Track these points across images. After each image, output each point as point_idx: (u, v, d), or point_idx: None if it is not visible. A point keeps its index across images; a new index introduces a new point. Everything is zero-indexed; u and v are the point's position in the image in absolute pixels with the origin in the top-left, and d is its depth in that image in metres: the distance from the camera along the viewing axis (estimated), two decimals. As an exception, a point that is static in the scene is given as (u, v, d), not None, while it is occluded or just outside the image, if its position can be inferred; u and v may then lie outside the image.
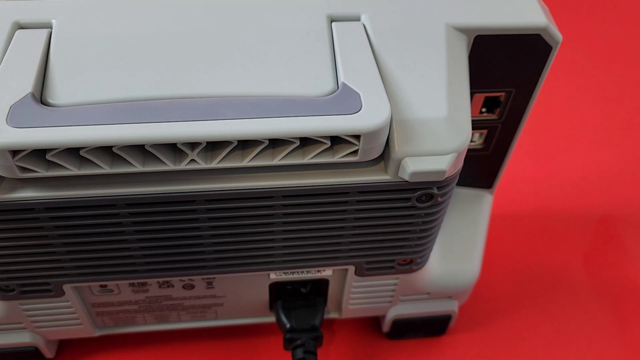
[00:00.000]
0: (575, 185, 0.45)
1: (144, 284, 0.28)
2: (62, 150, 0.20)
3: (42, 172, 0.20)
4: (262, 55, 0.23)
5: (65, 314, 0.29)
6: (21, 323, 0.29)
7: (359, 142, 0.21)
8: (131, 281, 0.28)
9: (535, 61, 0.26)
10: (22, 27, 0.23)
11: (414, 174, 0.22)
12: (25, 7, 0.24)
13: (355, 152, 0.21)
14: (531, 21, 0.24)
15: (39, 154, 0.20)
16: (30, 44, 0.23)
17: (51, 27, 0.23)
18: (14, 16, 0.23)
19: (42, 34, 0.23)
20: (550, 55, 0.26)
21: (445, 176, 0.22)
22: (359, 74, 0.22)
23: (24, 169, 0.20)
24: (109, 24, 0.24)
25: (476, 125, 0.28)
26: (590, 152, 0.48)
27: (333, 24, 0.24)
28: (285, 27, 0.24)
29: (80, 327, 0.30)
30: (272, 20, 0.24)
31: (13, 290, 0.26)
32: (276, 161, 0.21)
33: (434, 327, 0.34)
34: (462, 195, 0.33)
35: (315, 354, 0.29)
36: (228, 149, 0.21)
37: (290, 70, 0.22)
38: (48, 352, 0.32)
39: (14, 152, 0.20)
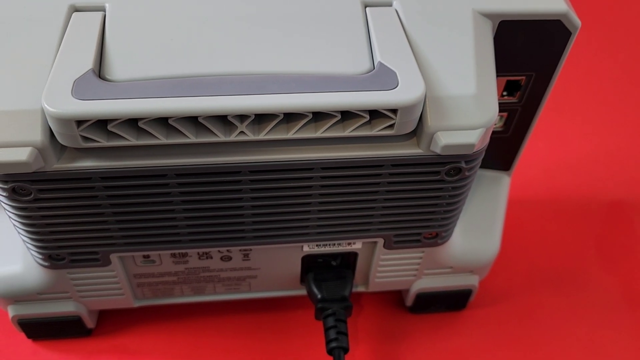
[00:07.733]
0: (588, 169, 0.46)
1: (184, 255, 0.30)
2: (122, 122, 0.22)
3: (103, 142, 0.22)
4: (303, 37, 0.25)
5: (109, 283, 0.30)
6: (67, 292, 0.31)
7: (396, 116, 0.23)
8: (173, 252, 0.29)
9: (555, 46, 0.27)
10: (77, 9, 0.25)
11: (445, 147, 0.23)
12: None
13: (392, 126, 0.23)
14: (552, 7, 0.26)
15: (101, 124, 0.22)
16: (87, 25, 0.24)
17: (105, 10, 0.25)
18: (70, 0, 0.25)
19: (97, 16, 0.25)
20: (570, 41, 0.27)
21: (474, 150, 0.24)
22: (394, 54, 0.24)
23: (86, 139, 0.22)
24: (159, 7, 0.25)
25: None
26: (602, 136, 0.49)
27: (367, 9, 0.26)
28: (323, 12, 0.25)
29: (122, 297, 0.32)
30: (311, 5, 0.26)
31: (63, 259, 0.28)
32: (319, 134, 0.23)
33: (455, 301, 0.36)
34: (482, 176, 0.35)
35: (345, 322, 0.30)
36: (275, 122, 0.23)
37: (330, 51, 0.24)
38: (90, 322, 0.33)
39: (79, 123, 0.21)
